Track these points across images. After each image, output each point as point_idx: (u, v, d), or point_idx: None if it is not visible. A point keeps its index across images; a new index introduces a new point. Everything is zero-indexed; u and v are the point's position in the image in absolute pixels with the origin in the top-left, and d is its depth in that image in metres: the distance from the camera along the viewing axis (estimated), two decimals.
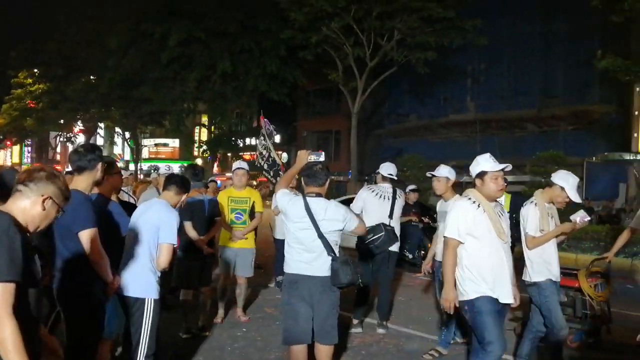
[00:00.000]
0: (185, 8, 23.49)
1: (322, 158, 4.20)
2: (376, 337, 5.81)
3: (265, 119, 8.12)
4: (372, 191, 6.02)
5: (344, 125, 26.82)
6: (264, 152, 7.79)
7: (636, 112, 19.24)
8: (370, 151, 28.31)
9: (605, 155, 18.81)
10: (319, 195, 3.96)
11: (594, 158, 19.26)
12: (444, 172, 5.22)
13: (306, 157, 4.16)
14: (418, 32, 18.12)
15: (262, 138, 7.92)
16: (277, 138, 34.10)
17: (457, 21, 17.87)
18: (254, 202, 6.11)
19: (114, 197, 4.06)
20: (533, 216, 4.30)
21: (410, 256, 10.36)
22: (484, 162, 3.70)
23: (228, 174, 17.88)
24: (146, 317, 3.63)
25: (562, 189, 4.29)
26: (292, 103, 26.87)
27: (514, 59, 21.93)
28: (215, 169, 32.67)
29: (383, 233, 5.70)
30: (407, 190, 9.75)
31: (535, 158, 15.75)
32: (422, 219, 10.39)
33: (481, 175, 3.67)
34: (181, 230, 4.60)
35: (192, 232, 5.32)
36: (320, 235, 3.85)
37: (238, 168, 6.17)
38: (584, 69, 19.00)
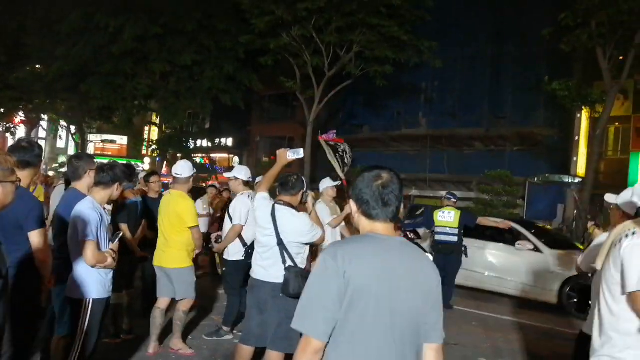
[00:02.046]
0: (142, 3, 23.00)
1: (301, 155, 4.26)
2: None
3: (326, 135, 7.80)
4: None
5: (298, 132, 26.88)
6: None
7: (576, 137, 20.24)
8: (323, 160, 28.48)
9: (546, 176, 19.62)
10: (288, 204, 4.04)
11: (535, 179, 20.07)
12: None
13: (286, 155, 4.21)
14: (376, 46, 18.44)
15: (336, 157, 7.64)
16: (230, 141, 33.96)
17: (414, 41, 18.25)
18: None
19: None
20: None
21: None
22: None
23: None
24: (82, 318, 3.58)
25: None
26: (246, 107, 26.73)
27: (465, 80, 22.63)
28: (164, 169, 32.11)
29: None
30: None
31: (482, 176, 16.27)
32: None
33: None
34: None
35: (127, 234, 5.30)
36: (280, 243, 3.94)
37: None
38: (531, 93, 19.84)
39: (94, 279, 3.61)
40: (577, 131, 20.17)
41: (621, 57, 13.57)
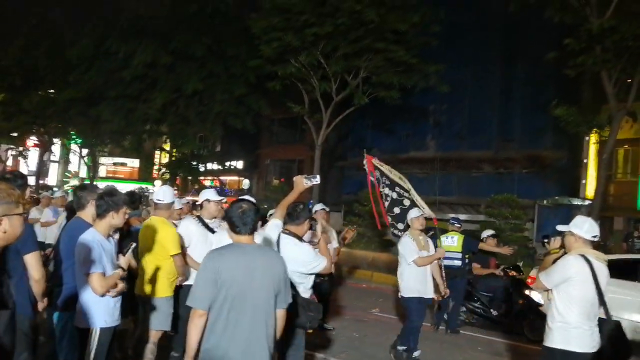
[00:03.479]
0: (152, 28, 23.38)
1: (317, 181, 4.33)
2: None
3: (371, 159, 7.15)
4: None
5: (307, 155, 27.02)
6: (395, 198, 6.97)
7: (585, 160, 20.17)
8: (333, 182, 28.57)
9: (555, 199, 19.54)
10: (293, 234, 4.10)
11: (545, 201, 19.98)
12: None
13: (302, 182, 4.30)
14: (382, 71, 18.57)
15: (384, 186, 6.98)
16: (239, 164, 34.20)
17: (421, 65, 18.35)
18: None
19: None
20: None
21: None
22: None
23: (189, 198, 17.75)
24: (89, 346, 3.65)
25: None
26: (256, 130, 26.94)
27: (474, 102, 22.73)
28: (175, 192, 32.36)
29: None
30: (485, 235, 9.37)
31: (489, 199, 16.26)
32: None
33: None
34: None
35: (133, 262, 5.32)
36: None
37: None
38: (539, 116, 19.85)
39: (101, 308, 3.68)
40: (585, 154, 20.12)
41: (629, 80, 13.61)
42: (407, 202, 6.88)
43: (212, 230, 5.49)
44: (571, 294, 3.89)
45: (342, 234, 8.19)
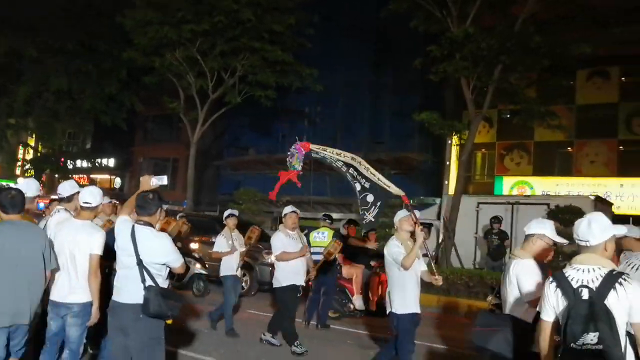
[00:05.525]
0: (16, 19, 21.68)
1: (164, 182, 4.29)
2: None
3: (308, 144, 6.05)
4: None
5: (183, 154, 26.38)
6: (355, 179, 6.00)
7: (447, 162, 21.66)
8: (208, 182, 28.10)
9: (420, 198, 20.75)
10: (147, 224, 3.99)
11: (411, 201, 21.12)
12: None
13: (148, 182, 4.32)
14: (259, 70, 18.71)
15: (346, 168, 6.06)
16: (111, 162, 32.52)
17: (296, 66, 18.81)
18: None
19: None
20: None
21: None
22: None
23: (53, 196, 16.62)
24: None
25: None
26: (129, 128, 25.87)
27: (346, 106, 23.49)
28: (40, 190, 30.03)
29: None
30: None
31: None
32: None
33: None
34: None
35: None
36: (139, 263, 3.90)
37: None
38: (407, 120, 20.95)
39: None
40: (448, 156, 21.60)
41: (485, 88, 14.81)
42: (367, 185, 5.95)
43: None
44: None
45: (326, 249, 8.15)
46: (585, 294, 2.87)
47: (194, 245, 12.11)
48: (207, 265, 11.29)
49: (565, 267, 3.11)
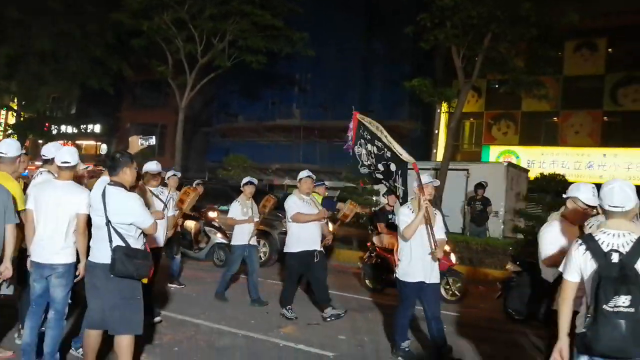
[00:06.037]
0: None
1: (152, 142, 4.28)
2: (187, 334, 5.96)
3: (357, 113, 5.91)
4: None
5: (171, 120, 26.16)
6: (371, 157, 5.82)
7: (436, 131, 21.80)
8: (197, 148, 28.03)
9: None
10: (118, 184, 3.99)
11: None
12: None
13: (137, 143, 4.27)
14: (249, 35, 18.51)
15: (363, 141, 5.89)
16: (97, 128, 32.22)
17: (287, 31, 18.61)
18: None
19: None
20: None
21: None
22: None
23: (38, 163, 16.48)
24: None
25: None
26: (116, 93, 25.53)
27: (337, 74, 23.37)
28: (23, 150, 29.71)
29: None
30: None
31: (349, 165, 16.97)
32: None
33: None
34: None
35: None
36: (108, 223, 3.92)
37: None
38: (397, 89, 20.99)
39: None
40: (437, 125, 21.73)
41: (475, 57, 14.79)
42: (388, 154, 5.77)
43: None
44: None
45: (341, 212, 8.28)
46: (615, 258, 2.90)
47: (212, 214, 11.42)
48: (228, 235, 10.30)
49: (593, 231, 3.13)
